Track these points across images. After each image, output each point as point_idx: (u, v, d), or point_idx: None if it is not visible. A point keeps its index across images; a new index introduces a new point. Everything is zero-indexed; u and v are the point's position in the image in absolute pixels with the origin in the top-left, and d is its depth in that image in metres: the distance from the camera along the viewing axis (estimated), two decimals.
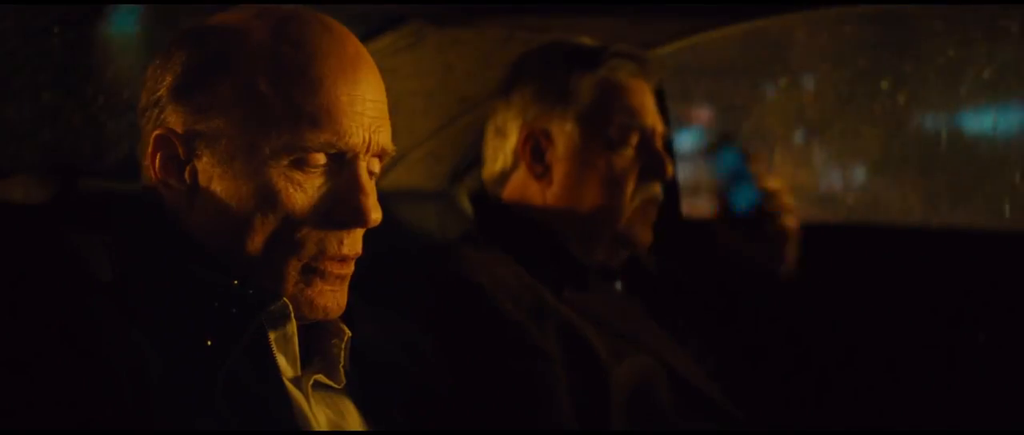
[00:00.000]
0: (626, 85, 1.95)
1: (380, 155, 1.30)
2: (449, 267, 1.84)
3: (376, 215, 1.28)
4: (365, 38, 1.47)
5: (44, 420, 1.09)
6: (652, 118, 1.96)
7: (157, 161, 1.27)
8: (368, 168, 1.29)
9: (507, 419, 1.70)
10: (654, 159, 1.93)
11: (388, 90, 1.31)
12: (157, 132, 1.26)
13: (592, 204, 1.92)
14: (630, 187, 1.93)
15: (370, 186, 1.28)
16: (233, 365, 1.19)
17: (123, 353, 1.14)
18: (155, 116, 1.27)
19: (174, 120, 1.26)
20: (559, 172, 1.93)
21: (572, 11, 2.17)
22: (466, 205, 2.23)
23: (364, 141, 1.26)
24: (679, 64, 2.68)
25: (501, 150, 1.97)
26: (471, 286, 1.79)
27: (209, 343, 1.18)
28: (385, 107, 1.30)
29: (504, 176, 1.98)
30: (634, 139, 1.93)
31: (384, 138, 1.29)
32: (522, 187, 1.96)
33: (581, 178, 1.92)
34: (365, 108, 1.26)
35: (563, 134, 1.92)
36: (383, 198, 1.31)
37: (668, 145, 2.26)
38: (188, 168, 1.26)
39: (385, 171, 1.39)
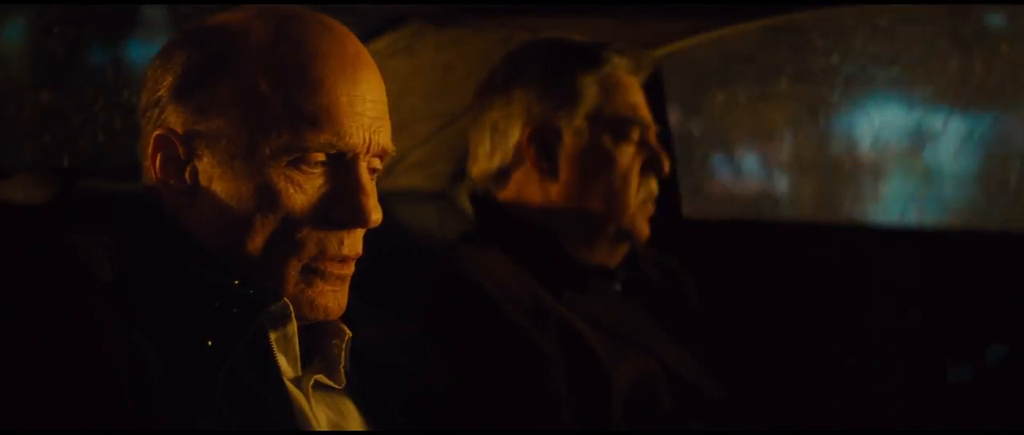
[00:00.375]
0: (625, 82, 1.98)
1: (380, 155, 1.30)
2: (449, 268, 1.84)
3: (376, 215, 1.28)
4: (365, 38, 1.47)
5: (44, 420, 1.09)
6: (646, 113, 1.99)
7: (157, 161, 1.27)
8: (369, 167, 1.29)
9: (507, 420, 1.71)
10: (652, 154, 1.96)
11: (388, 90, 1.31)
12: (157, 132, 1.26)
13: (599, 199, 1.94)
14: (635, 182, 1.95)
15: (370, 186, 1.28)
16: (233, 365, 1.19)
17: (123, 353, 1.14)
18: (155, 116, 1.27)
19: (174, 120, 1.26)
20: (566, 169, 1.94)
21: (572, 11, 2.17)
22: (466, 205, 2.24)
23: (364, 141, 1.26)
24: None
25: (500, 147, 1.98)
26: (471, 287, 1.79)
27: (209, 343, 1.18)
28: (385, 107, 1.30)
29: (503, 174, 1.98)
30: (635, 135, 1.95)
31: (384, 138, 1.29)
32: (523, 185, 1.97)
33: (589, 174, 1.94)
34: (365, 108, 1.26)
35: (572, 131, 1.94)
36: (383, 198, 1.31)
37: (667, 141, 2.27)
38: (188, 168, 1.26)
39: (386, 171, 1.39)
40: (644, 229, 1.98)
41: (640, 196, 1.96)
